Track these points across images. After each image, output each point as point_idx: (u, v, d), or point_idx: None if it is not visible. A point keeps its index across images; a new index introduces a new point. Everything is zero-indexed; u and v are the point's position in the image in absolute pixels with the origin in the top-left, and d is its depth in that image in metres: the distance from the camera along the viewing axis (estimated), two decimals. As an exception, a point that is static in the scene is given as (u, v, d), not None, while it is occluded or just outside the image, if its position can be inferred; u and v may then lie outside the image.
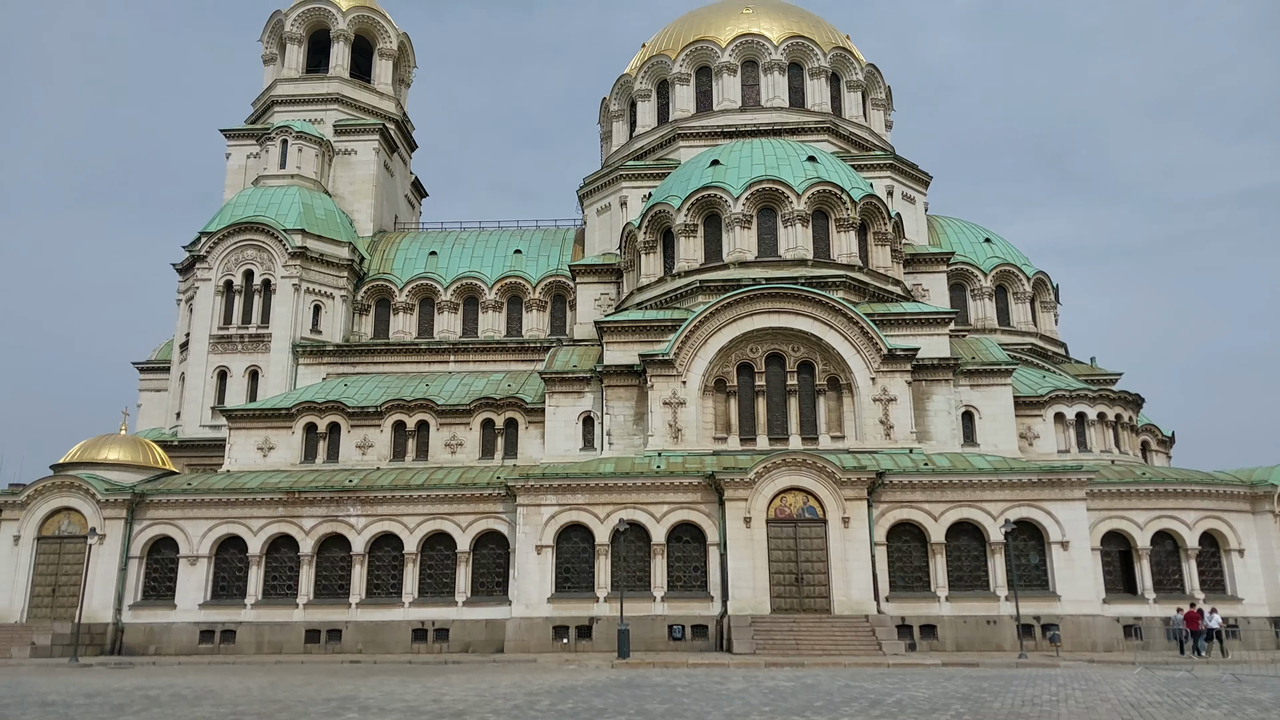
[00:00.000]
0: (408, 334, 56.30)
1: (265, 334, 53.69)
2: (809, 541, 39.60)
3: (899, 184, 57.11)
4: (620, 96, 64.67)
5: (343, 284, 56.24)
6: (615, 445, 44.82)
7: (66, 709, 18.96)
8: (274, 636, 41.48)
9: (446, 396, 48.35)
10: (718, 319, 44.62)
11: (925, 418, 44.61)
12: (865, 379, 43.93)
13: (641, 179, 57.09)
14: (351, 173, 62.39)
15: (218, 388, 53.28)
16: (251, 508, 42.96)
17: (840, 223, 48.74)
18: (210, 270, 54.63)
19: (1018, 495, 40.12)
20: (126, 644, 41.71)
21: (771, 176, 48.75)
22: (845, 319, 44.28)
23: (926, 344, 45.30)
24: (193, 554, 42.63)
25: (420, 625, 41.30)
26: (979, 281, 56.91)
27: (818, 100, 59.94)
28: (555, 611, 39.90)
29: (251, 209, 56.14)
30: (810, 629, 36.99)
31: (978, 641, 38.66)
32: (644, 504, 40.57)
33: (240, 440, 48.06)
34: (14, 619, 41.82)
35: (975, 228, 60.56)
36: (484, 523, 42.28)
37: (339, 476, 44.70)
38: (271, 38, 65.74)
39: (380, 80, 66.69)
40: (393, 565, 42.62)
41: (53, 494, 43.30)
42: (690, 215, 49.19)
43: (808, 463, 40.01)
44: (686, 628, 39.22)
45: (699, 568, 40.46)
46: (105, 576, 42.06)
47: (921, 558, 40.31)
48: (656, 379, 44.30)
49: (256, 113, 65.00)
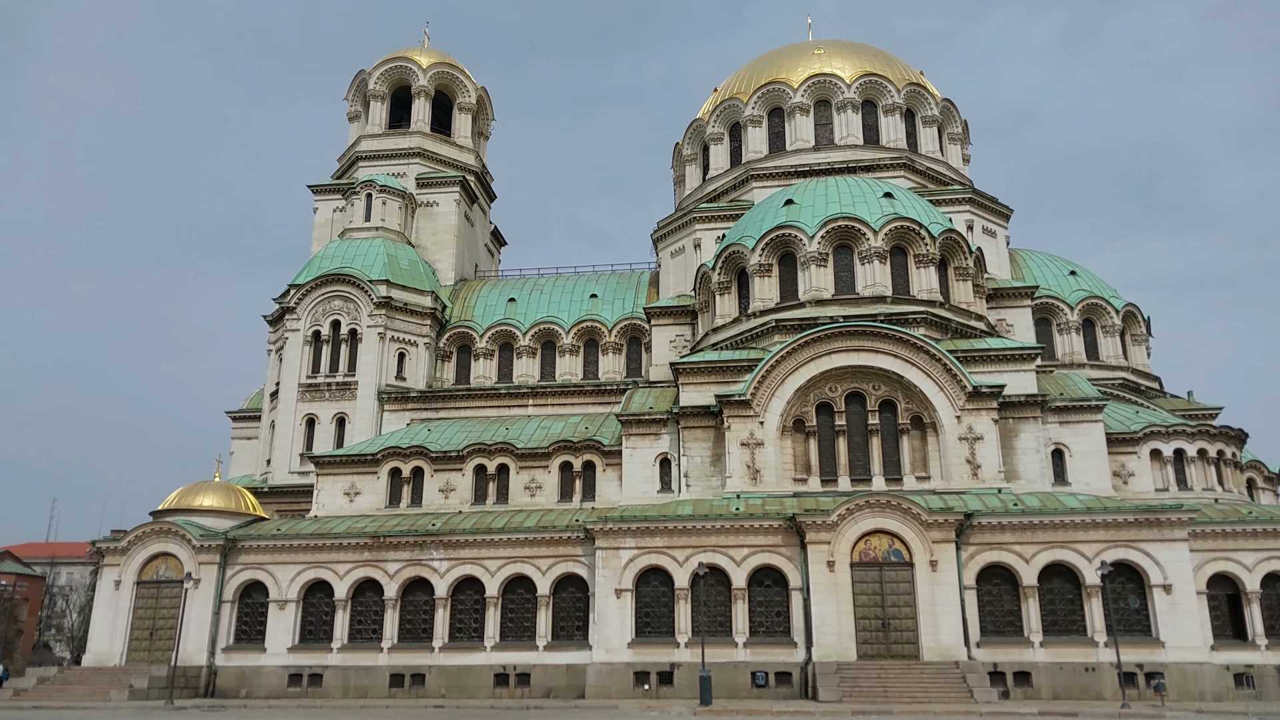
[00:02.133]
0: (488, 379, 57.21)
1: (352, 382, 55.15)
2: (895, 585, 38.58)
3: (979, 218, 56.12)
4: (693, 140, 65.27)
5: (426, 331, 57.55)
6: (693, 487, 44.55)
7: (163, 750, 19.43)
8: (360, 680, 42.01)
9: (525, 440, 48.84)
10: (795, 358, 44.23)
11: (1013, 456, 43.28)
12: (950, 417, 42.92)
13: (715, 220, 57.32)
14: (434, 223, 64.13)
15: (306, 435, 54.78)
16: (338, 552, 43.85)
17: (919, 258, 48.05)
18: (299, 321, 56.50)
19: (1114, 536, 38.50)
20: (219, 686, 42.74)
21: (847, 214, 48.42)
22: (927, 356, 43.44)
23: (1012, 380, 44.11)
24: (282, 598, 43.61)
25: (502, 669, 41.37)
26: (1065, 315, 55.32)
27: (892, 137, 59.54)
28: (636, 657, 39.55)
29: (338, 261, 58.02)
30: (898, 676, 35.89)
31: (1075, 690, 36.97)
32: (723, 547, 40.12)
33: (327, 486, 49.23)
34: (114, 662, 43.26)
35: (1059, 260, 59.02)
36: (563, 565, 42.34)
37: (422, 520, 45.37)
38: (356, 96, 68.36)
39: (460, 134, 68.64)
40: (475, 609, 42.90)
41: (151, 540, 44.90)
42: (765, 255, 49.10)
43: (892, 504, 39.12)
44: (770, 674, 38.43)
45: (781, 612, 39.72)
46: (200, 620, 43.28)
47: (1013, 601, 38.87)
48: (733, 420, 44.01)
49: (342, 168, 67.46)
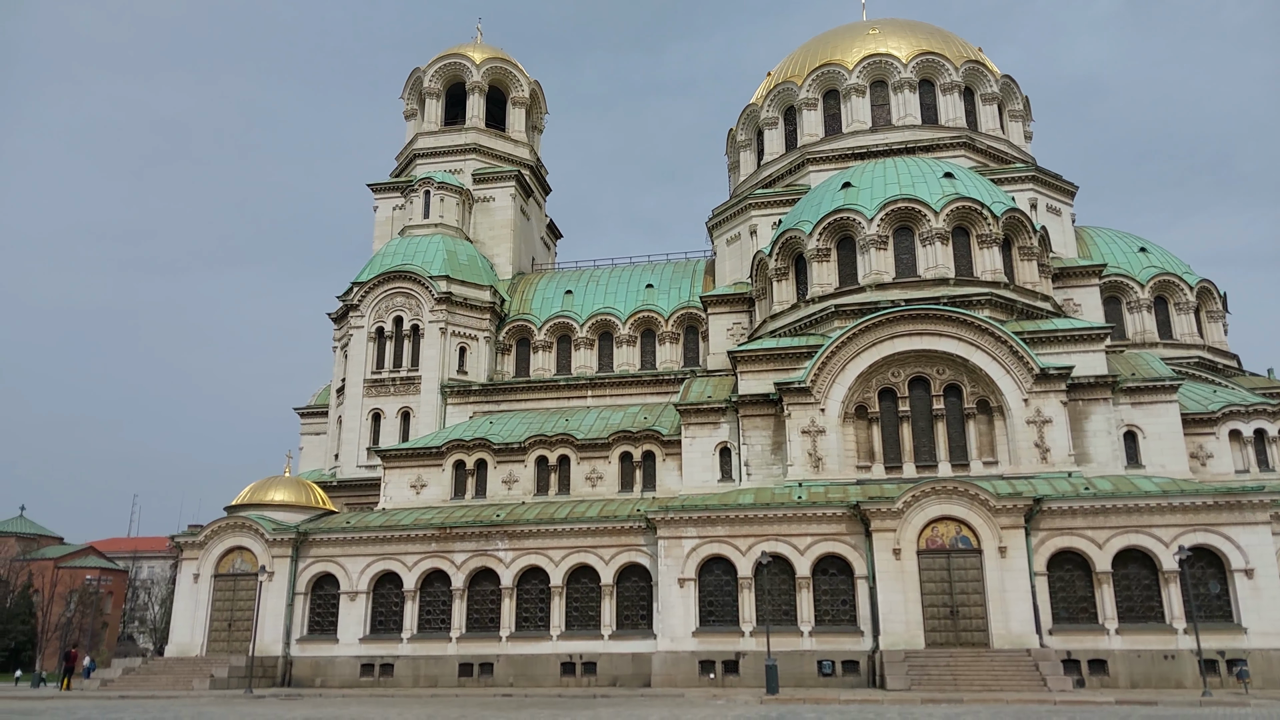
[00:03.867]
0: (547, 371, 57.63)
1: (415, 376, 56.00)
2: (963, 572, 37.98)
3: (1043, 196, 54.73)
4: (747, 126, 64.75)
5: (485, 325, 58.17)
6: (754, 476, 44.35)
7: (243, 738, 20.04)
8: (429, 670, 42.79)
9: (585, 431, 49.12)
10: (855, 344, 43.68)
11: (1083, 439, 42.22)
12: (1017, 400, 42.02)
13: (770, 206, 56.84)
14: (490, 218, 64.70)
15: (372, 429, 55.83)
16: (406, 544, 44.64)
17: (982, 239, 47.06)
18: (362, 318, 57.53)
19: (1192, 519, 37.34)
20: (295, 676, 43.89)
21: (907, 195, 47.61)
22: (992, 338, 42.56)
23: (1081, 361, 43.01)
24: (352, 590, 44.59)
25: (568, 658, 41.76)
26: (1135, 293, 53.73)
27: (951, 116, 58.32)
28: (700, 645, 39.59)
29: (399, 258, 58.91)
30: (968, 664, 35.36)
31: (1154, 678, 35.99)
32: (786, 536, 39.89)
33: (394, 479, 50.14)
34: (195, 652, 44.70)
35: (1129, 237, 57.31)
36: (626, 555, 42.53)
37: (487, 511, 45.97)
38: (411, 94, 69.20)
39: (514, 128, 69.07)
40: (540, 598, 43.35)
41: (226, 534, 46.23)
42: (822, 239, 48.55)
43: (959, 490, 38.49)
44: (836, 663, 38.16)
45: (847, 601, 39.39)
46: (275, 612, 44.47)
47: (1086, 588, 37.97)
48: (794, 407, 43.67)
49: (400, 166, 68.41)
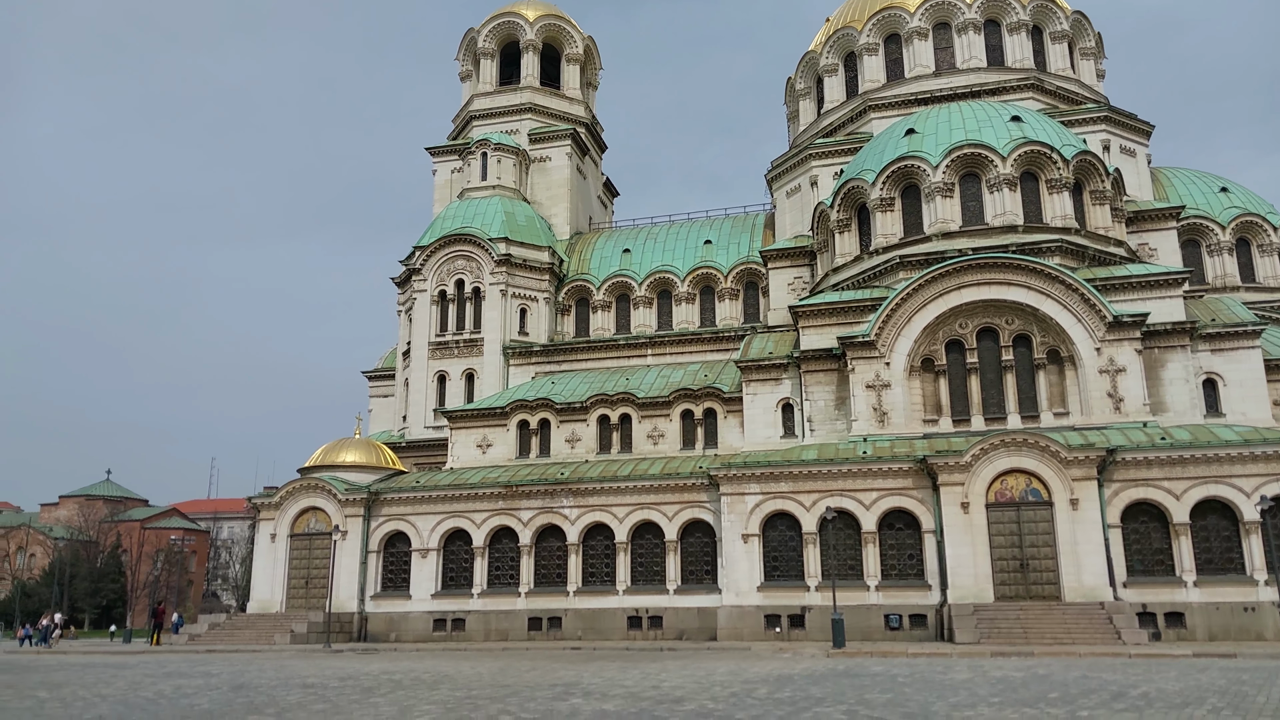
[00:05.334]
0: (607, 330, 57.73)
1: (478, 338, 56.59)
2: (1033, 525, 37.37)
3: (1116, 137, 52.68)
4: (806, 74, 63.32)
5: (545, 286, 58.39)
6: (817, 432, 44.03)
7: (324, 690, 20.73)
8: (500, 624, 43.74)
9: (646, 389, 49.23)
10: (921, 295, 42.83)
11: (1159, 388, 40.98)
12: (1089, 350, 40.88)
13: (831, 156, 55.65)
14: (547, 178, 64.60)
15: (438, 391, 56.69)
16: (474, 502, 45.48)
17: (1051, 184, 45.57)
18: (425, 282, 58.18)
19: (1275, 469, 36.08)
20: (370, 631, 45.24)
21: (973, 141, 46.23)
22: (1063, 286, 41.36)
23: (1157, 308, 41.61)
24: (423, 547, 45.63)
25: (634, 612, 42.31)
26: (1215, 236, 51.66)
27: (1019, 56, 56.22)
28: (765, 600, 39.74)
29: (458, 221, 59.29)
30: (1039, 617, 34.91)
31: (1233, 631, 35.13)
32: (851, 491, 39.63)
33: (461, 439, 50.96)
34: (275, 609, 46.32)
35: (1208, 177, 54.98)
36: (689, 512, 42.73)
37: (551, 470, 46.53)
38: (466, 55, 69.09)
39: (569, 86, 68.61)
40: (605, 554, 43.88)
41: (301, 495, 47.58)
42: (886, 189, 47.49)
43: (1029, 442, 37.73)
44: (904, 617, 38.02)
45: (914, 555, 39.09)
46: (349, 569, 45.79)
47: (1162, 540, 37.08)
48: (857, 362, 43.11)
49: (457, 128, 68.56)
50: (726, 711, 15.78)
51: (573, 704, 17.23)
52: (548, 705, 17.09)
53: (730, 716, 15.15)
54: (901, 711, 15.50)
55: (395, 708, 17.04)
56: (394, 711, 16.47)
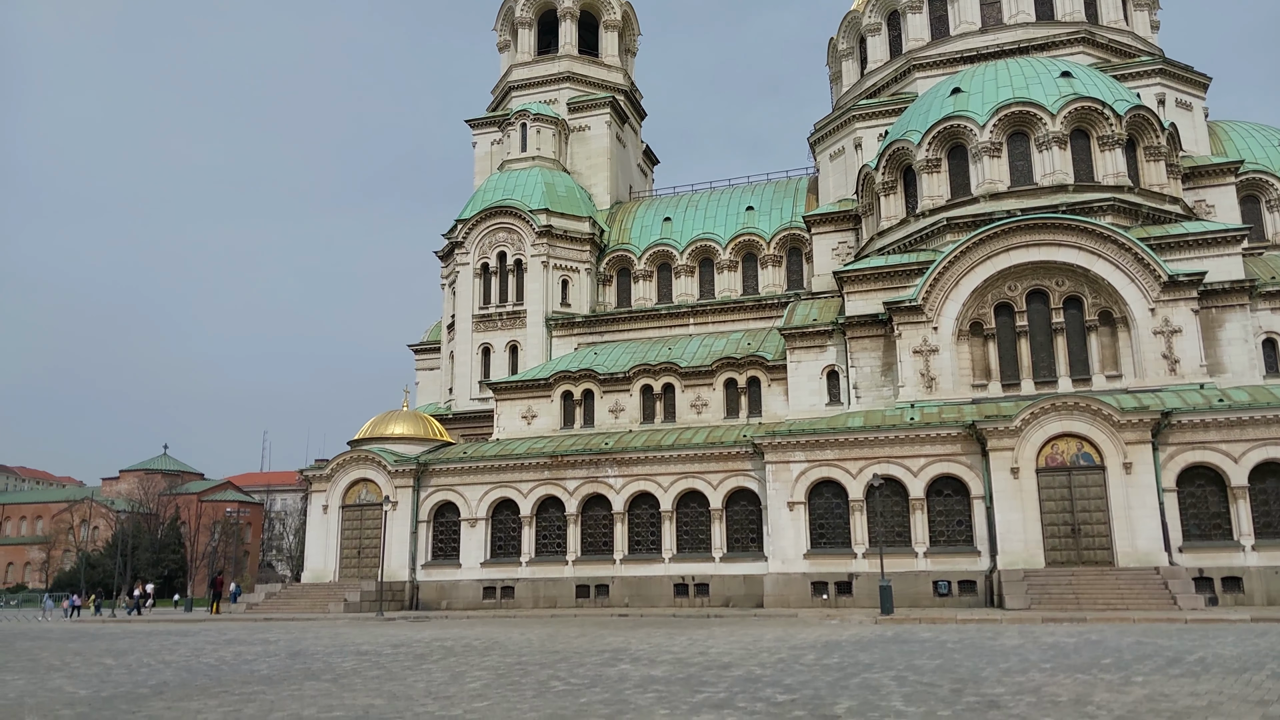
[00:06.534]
0: (648, 300, 57.60)
1: (521, 310, 56.84)
2: (1085, 490, 36.77)
3: (1171, 90, 51.00)
4: (849, 34, 62.09)
5: (586, 257, 58.35)
6: (863, 398, 43.66)
7: (378, 657, 21.16)
8: (548, 591, 44.26)
9: (689, 359, 49.13)
10: (969, 258, 42.07)
11: (1216, 349, 39.94)
12: (1143, 310, 39.92)
13: (875, 117, 54.64)
14: (586, 148, 64.34)
15: (483, 363, 57.15)
16: (520, 472, 45.91)
17: (1103, 141, 44.33)
18: (467, 255, 58.47)
19: (1339, 430, 35.05)
20: (421, 600, 46.05)
21: (1021, 99, 45.09)
22: (1115, 245, 40.36)
23: (1214, 266, 40.45)
24: (472, 516, 46.23)
25: (681, 580, 42.54)
26: (1276, 191, 49.92)
27: (1069, 10, 54.50)
28: (812, 567, 39.68)
29: (499, 193, 59.37)
30: (1091, 582, 34.43)
31: (1295, 596, 34.39)
32: (898, 458, 39.28)
33: (506, 410, 51.39)
34: (329, 579, 47.32)
35: (1268, 130, 53.02)
36: (734, 480, 42.71)
37: (595, 440, 46.76)
38: (504, 24, 68.80)
39: (607, 53, 68.09)
40: (650, 523, 44.09)
41: (351, 467, 48.38)
42: (932, 149, 46.56)
43: (1080, 406, 37.04)
44: (952, 583, 37.73)
45: (963, 521, 38.71)
46: (400, 539, 46.56)
47: (1220, 503, 36.28)
48: (904, 327, 42.56)
49: (496, 100, 68.47)
50: (774, 677, 15.80)
51: (621, 669, 17.38)
52: (597, 670, 17.26)
53: (778, 681, 15.17)
54: (951, 677, 15.40)
55: (447, 674, 17.33)
56: (446, 677, 16.75)
